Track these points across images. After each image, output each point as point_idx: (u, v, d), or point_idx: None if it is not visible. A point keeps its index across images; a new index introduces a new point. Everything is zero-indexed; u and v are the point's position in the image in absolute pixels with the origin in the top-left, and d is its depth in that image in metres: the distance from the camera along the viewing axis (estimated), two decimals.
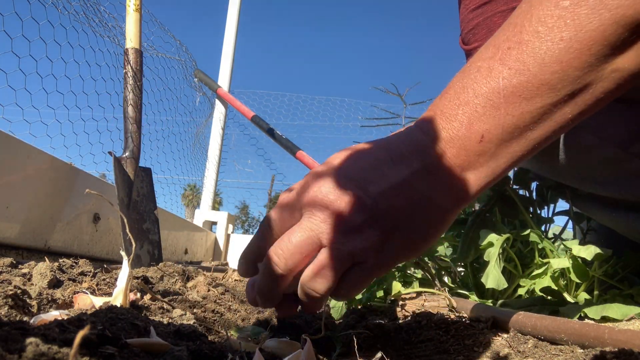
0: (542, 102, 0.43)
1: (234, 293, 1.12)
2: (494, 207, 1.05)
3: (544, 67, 0.42)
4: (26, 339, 0.28)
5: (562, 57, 0.42)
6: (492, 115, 0.43)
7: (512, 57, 0.44)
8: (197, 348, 0.48)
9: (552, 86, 0.42)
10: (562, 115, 0.44)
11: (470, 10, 0.88)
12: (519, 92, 0.43)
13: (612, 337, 0.52)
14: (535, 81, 0.42)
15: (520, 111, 0.43)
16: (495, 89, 0.44)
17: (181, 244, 2.51)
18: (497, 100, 0.43)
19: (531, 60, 0.43)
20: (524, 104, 0.43)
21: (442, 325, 0.77)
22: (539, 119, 0.44)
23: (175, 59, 3.12)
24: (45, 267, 0.81)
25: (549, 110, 0.43)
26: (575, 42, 0.42)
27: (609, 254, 0.81)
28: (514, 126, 0.44)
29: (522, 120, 0.43)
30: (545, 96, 0.43)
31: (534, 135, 0.44)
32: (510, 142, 0.44)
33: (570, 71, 0.42)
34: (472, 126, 0.44)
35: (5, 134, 1.19)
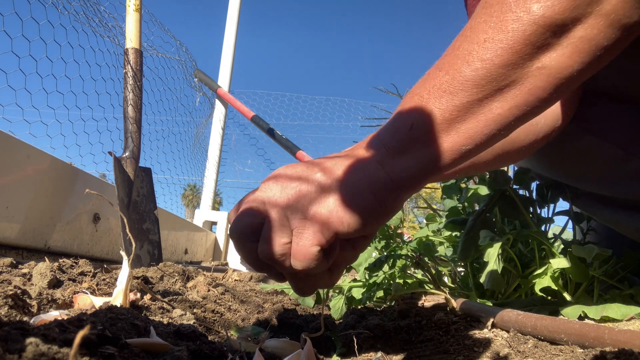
0: (467, 97, 0.47)
1: (234, 293, 1.12)
2: (494, 207, 1.05)
3: (468, 65, 0.47)
4: (26, 339, 0.28)
5: (484, 56, 0.46)
6: (420, 107, 0.49)
7: (444, 61, 0.49)
8: (197, 348, 0.48)
9: (476, 83, 0.47)
10: (490, 109, 0.48)
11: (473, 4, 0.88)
12: (445, 87, 0.48)
13: (612, 337, 0.52)
14: (459, 77, 0.47)
15: (446, 105, 0.48)
16: (426, 87, 0.50)
17: (181, 244, 2.51)
18: (426, 95, 0.49)
19: (457, 60, 0.48)
20: (449, 98, 0.48)
21: (442, 325, 0.77)
22: (465, 112, 0.48)
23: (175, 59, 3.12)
24: (45, 267, 0.81)
25: (475, 104, 0.47)
26: (497, 42, 0.46)
27: (609, 254, 0.81)
28: (442, 118, 0.48)
29: (449, 113, 0.48)
30: (470, 91, 0.47)
31: (465, 127, 0.48)
32: (441, 132, 0.49)
33: (493, 69, 0.46)
34: (403, 117, 0.50)
35: (5, 134, 1.19)
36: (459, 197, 1.23)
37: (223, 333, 0.77)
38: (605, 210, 0.93)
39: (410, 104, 0.50)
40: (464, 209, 1.22)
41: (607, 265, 0.91)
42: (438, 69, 0.50)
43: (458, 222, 1.12)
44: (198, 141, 3.61)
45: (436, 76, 0.49)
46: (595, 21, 0.44)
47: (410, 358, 0.68)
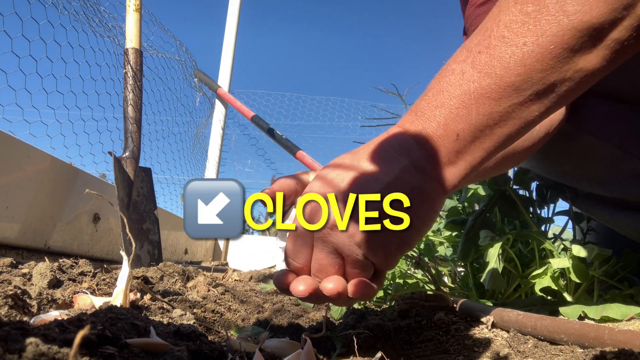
0: (509, 102, 0.47)
1: (234, 293, 1.12)
2: (494, 207, 1.05)
3: (509, 70, 0.46)
4: (26, 339, 0.28)
5: (525, 61, 0.46)
6: (465, 115, 0.48)
7: (481, 61, 0.48)
8: (197, 348, 0.48)
9: (517, 87, 0.46)
10: (528, 113, 0.48)
11: (477, 6, 0.88)
12: (487, 93, 0.47)
13: (612, 337, 0.52)
14: (501, 83, 0.46)
15: (490, 111, 0.47)
16: (467, 91, 0.48)
17: (181, 244, 2.51)
18: (468, 102, 0.48)
19: (497, 63, 0.47)
20: (492, 104, 0.47)
21: (442, 325, 0.77)
22: (507, 117, 0.48)
23: (175, 59, 3.12)
24: (45, 267, 0.81)
25: (516, 109, 0.47)
26: (536, 47, 0.45)
27: (609, 254, 0.81)
28: (485, 125, 0.48)
29: (492, 119, 0.48)
30: (512, 97, 0.47)
31: (504, 131, 0.49)
32: (483, 138, 0.49)
33: (534, 73, 0.46)
34: (448, 126, 0.49)
35: (5, 134, 1.19)
36: (459, 197, 1.23)
37: (223, 333, 0.77)
38: (605, 210, 0.93)
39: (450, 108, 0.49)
40: (464, 209, 1.22)
41: (607, 265, 0.91)
42: (475, 69, 0.48)
43: (458, 222, 1.12)
44: (198, 141, 3.60)
45: (475, 78, 0.48)
46: (630, 23, 0.44)
47: (410, 358, 0.68)
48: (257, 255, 3.10)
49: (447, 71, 0.51)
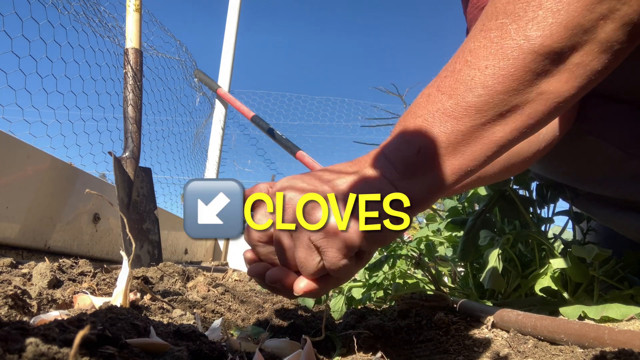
0: (471, 122, 0.49)
1: (234, 293, 1.12)
2: (494, 207, 1.05)
3: (471, 92, 0.48)
4: (26, 339, 0.28)
5: (486, 83, 0.47)
6: (426, 131, 0.51)
7: (446, 84, 0.50)
8: (197, 348, 0.48)
9: (479, 108, 0.48)
10: (493, 133, 0.49)
11: (479, 8, 0.88)
12: (449, 112, 0.49)
13: (612, 337, 0.52)
14: (463, 103, 0.49)
15: (451, 129, 0.49)
16: (430, 111, 0.51)
17: (181, 244, 2.51)
18: (431, 120, 0.50)
19: (460, 85, 0.49)
20: (453, 123, 0.49)
21: (442, 325, 0.77)
22: (469, 136, 0.49)
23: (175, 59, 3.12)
24: (45, 267, 0.81)
25: (479, 129, 0.49)
26: (498, 69, 0.47)
27: (608, 254, 0.81)
28: (447, 142, 0.50)
29: (454, 137, 0.50)
30: (474, 117, 0.49)
31: (469, 150, 0.50)
32: (447, 156, 0.50)
33: (495, 95, 0.47)
34: (411, 141, 0.52)
35: (5, 134, 1.19)
36: (459, 197, 1.23)
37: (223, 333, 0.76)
38: (605, 210, 0.93)
39: (414, 126, 0.52)
40: (464, 209, 1.22)
41: (607, 265, 0.91)
42: (440, 92, 0.51)
43: (458, 222, 1.12)
44: (198, 141, 3.60)
45: (439, 100, 0.50)
46: (590, 48, 0.46)
47: (410, 358, 0.68)
48: None
49: (421, 96, 0.54)
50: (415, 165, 0.51)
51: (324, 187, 0.52)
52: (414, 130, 0.52)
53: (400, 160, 0.52)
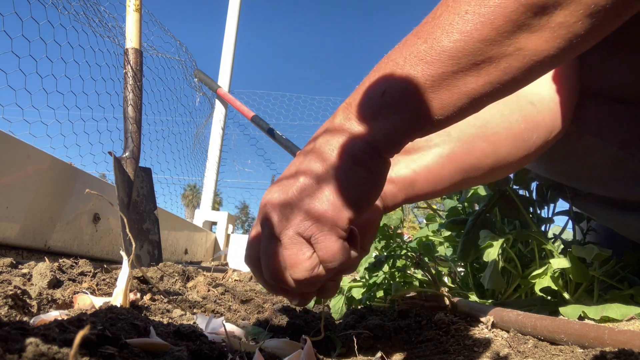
0: (442, 67, 0.47)
1: (234, 293, 1.12)
2: (494, 207, 1.05)
3: (447, 36, 0.47)
4: (26, 339, 0.28)
5: (464, 28, 0.46)
6: (394, 73, 0.49)
7: (424, 29, 0.49)
8: (197, 348, 0.48)
9: (452, 55, 0.47)
10: (465, 83, 0.48)
11: None
12: (422, 56, 0.48)
13: (612, 337, 0.52)
14: (437, 47, 0.47)
15: (422, 73, 0.48)
16: (403, 54, 0.49)
17: (181, 244, 2.51)
18: (402, 62, 0.49)
19: (437, 30, 0.47)
20: (424, 67, 0.48)
21: (442, 325, 0.77)
22: (440, 83, 0.48)
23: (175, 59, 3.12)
24: (45, 267, 0.81)
25: (450, 76, 0.47)
26: (477, 15, 0.45)
27: (609, 254, 0.81)
28: (415, 86, 0.48)
29: (423, 82, 0.48)
30: (446, 62, 0.47)
31: (438, 97, 0.48)
32: (413, 100, 0.49)
33: (471, 43, 0.46)
34: (375, 83, 0.51)
35: (5, 134, 1.19)
36: (459, 197, 1.23)
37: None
38: (605, 210, 0.93)
39: (385, 69, 0.50)
40: (464, 209, 1.22)
41: (607, 266, 0.91)
42: (416, 37, 0.49)
43: (458, 222, 1.12)
44: (198, 141, 3.61)
45: (414, 43, 0.49)
46: (575, 8, 0.44)
47: (410, 358, 0.68)
48: None
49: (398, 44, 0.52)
50: (377, 107, 0.50)
51: (292, 187, 0.52)
52: (383, 73, 0.50)
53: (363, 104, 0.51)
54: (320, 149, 0.53)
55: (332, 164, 0.51)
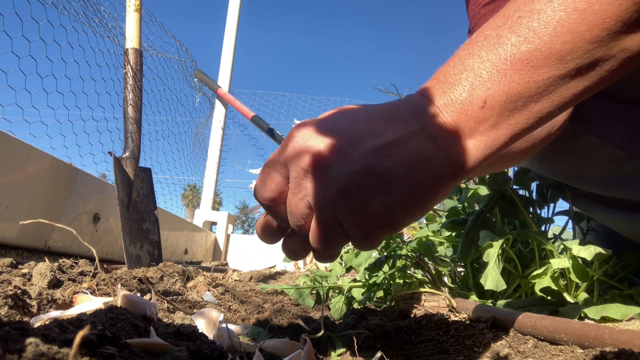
0: (549, 72, 0.42)
1: (234, 293, 1.12)
2: (494, 207, 1.05)
3: (555, 37, 0.41)
4: (26, 339, 0.28)
5: (575, 28, 0.41)
6: (497, 81, 0.42)
7: (522, 25, 0.42)
8: (197, 348, 0.48)
9: (561, 57, 0.41)
10: (567, 89, 0.43)
11: (482, 5, 0.88)
12: (527, 59, 0.42)
13: (612, 337, 0.52)
14: (544, 49, 0.41)
15: (527, 79, 0.42)
16: (503, 56, 0.42)
17: (181, 244, 2.51)
18: (503, 66, 0.42)
19: (542, 28, 0.41)
20: (530, 72, 0.42)
21: (442, 325, 0.77)
22: (544, 90, 0.42)
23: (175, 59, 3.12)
24: (45, 267, 0.81)
25: (555, 82, 0.42)
26: (589, 14, 0.40)
27: (609, 254, 0.81)
28: (519, 95, 0.42)
29: (528, 89, 0.42)
30: (553, 67, 0.42)
31: (537, 107, 0.43)
32: (513, 112, 0.43)
33: (581, 44, 0.41)
34: (475, 91, 0.43)
35: (5, 134, 1.19)
36: (459, 197, 1.23)
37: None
38: (606, 210, 0.93)
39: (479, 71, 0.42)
40: (464, 209, 1.22)
41: (607, 266, 0.91)
42: (514, 33, 0.42)
43: (458, 222, 1.12)
44: (198, 141, 3.61)
45: (514, 43, 0.42)
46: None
47: (410, 358, 0.68)
48: (257, 255, 3.10)
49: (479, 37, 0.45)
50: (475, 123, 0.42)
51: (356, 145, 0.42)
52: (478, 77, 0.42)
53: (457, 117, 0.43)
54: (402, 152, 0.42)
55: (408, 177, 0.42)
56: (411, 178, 0.42)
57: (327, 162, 0.42)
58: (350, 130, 0.43)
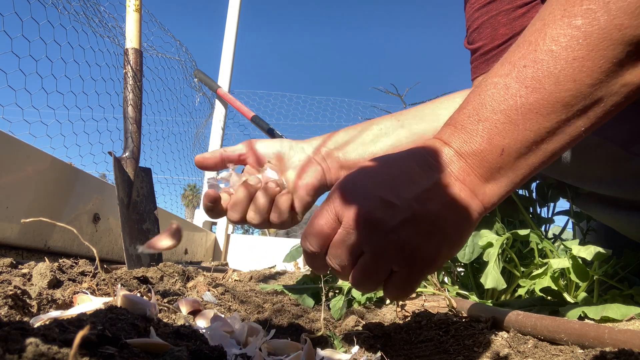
0: (557, 117, 0.46)
1: (234, 293, 1.12)
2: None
3: (559, 86, 0.45)
4: (26, 339, 0.28)
5: (576, 76, 0.45)
6: (511, 130, 0.47)
7: (528, 76, 0.46)
8: (197, 348, 0.48)
9: (566, 103, 0.45)
10: (575, 128, 0.47)
11: (476, 9, 0.89)
12: (536, 109, 0.46)
13: (612, 337, 0.52)
14: (551, 99, 0.45)
15: (538, 127, 0.46)
16: (513, 107, 0.47)
17: (181, 244, 2.51)
18: (515, 117, 0.47)
19: (546, 79, 0.45)
20: (540, 120, 0.46)
21: (442, 325, 0.77)
22: (554, 132, 0.47)
23: (175, 59, 3.12)
24: (45, 267, 0.81)
25: (563, 125, 0.46)
26: (587, 61, 0.44)
27: (609, 254, 0.81)
28: (532, 140, 0.47)
29: (539, 135, 0.47)
30: (560, 112, 0.46)
31: (550, 147, 0.48)
32: (528, 154, 0.48)
33: (583, 88, 0.45)
34: (493, 141, 0.48)
35: (5, 134, 1.19)
36: None
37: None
38: (606, 209, 0.93)
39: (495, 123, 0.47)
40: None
41: (607, 266, 0.91)
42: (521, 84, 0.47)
43: None
44: (198, 141, 3.61)
45: (522, 94, 0.46)
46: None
47: (410, 358, 0.68)
48: (257, 255, 3.10)
49: (488, 85, 0.49)
50: (496, 169, 0.48)
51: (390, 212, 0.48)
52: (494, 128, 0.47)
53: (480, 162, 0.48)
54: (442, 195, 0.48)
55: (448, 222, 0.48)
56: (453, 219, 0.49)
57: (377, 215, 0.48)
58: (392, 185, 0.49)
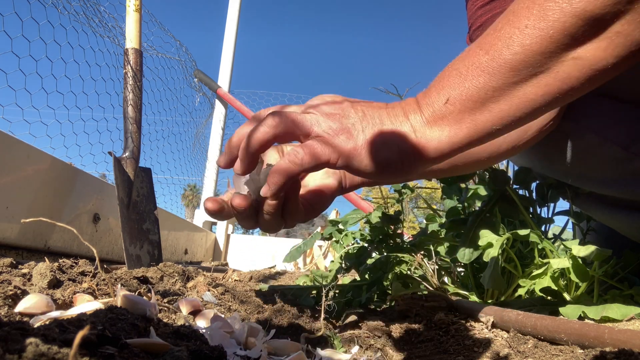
0: (503, 78, 0.50)
1: (234, 293, 1.12)
2: (494, 207, 1.05)
3: (508, 49, 0.49)
4: (26, 339, 0.28)
5: (524, 42, 0.48)
6: (458, 83, 0.52)
7: (486, 41, 0.51)
8: (197, 348, 0.48)
9: (513, 66, 0.49)
10: (525, 94, 0.50)
11: (478, 7, 0.89)
12: (483, 67, 0.50)
13: (612, 337, 0.52)
14: (499, 59, 0.49)
15: (483, 84, 0.50)
16: (466, 64, 0.52)
17: (181, 244, 2.51)
18: (465, 71, 0.51)
19: (498, 42, 0.50)
20: (486, 78, 0.50)
21: (442, 325, 0.77)
22: (500, 93, 0.50)
23: (175, 59, 3.12)
24: (45, 267, 0.81)
25: (510, 87, 0.50)
26: (537, 30, 0.47)
27: (609, 254, 0.81)
28: (477, 96, 0.51)
29: (485, 92, 0.50)
30: (507, 74, 0.49)
31: (498, 107, 0.51)
32: (474, 110, 0.51)
33: (531, 55, 0.48)
34: (441, 91, 0.53)
35: (5, 134, 1.19)
36: (459, 197, 1.23)
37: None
38: (606, 209, 0.93)
39: (448, 77, 0.53)
40: (464, 209, 1.22)
41: (607, 266, 0.91)
42: (479, 47, 0.51)
43: (458, 222, 1.12)
44: (198, 141, 3.60)
45: (476, 54, 0.51)
46: (633, 17, 0.45)
47: (410, 358, 0.68)
48: (257, 255, 3.10)
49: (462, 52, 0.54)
50: (439, 115, 0.52)
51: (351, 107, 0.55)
52: (446, 80, 0.53)
53: (426, 106, 0.53)
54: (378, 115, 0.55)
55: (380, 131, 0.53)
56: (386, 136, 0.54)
57: None
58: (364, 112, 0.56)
